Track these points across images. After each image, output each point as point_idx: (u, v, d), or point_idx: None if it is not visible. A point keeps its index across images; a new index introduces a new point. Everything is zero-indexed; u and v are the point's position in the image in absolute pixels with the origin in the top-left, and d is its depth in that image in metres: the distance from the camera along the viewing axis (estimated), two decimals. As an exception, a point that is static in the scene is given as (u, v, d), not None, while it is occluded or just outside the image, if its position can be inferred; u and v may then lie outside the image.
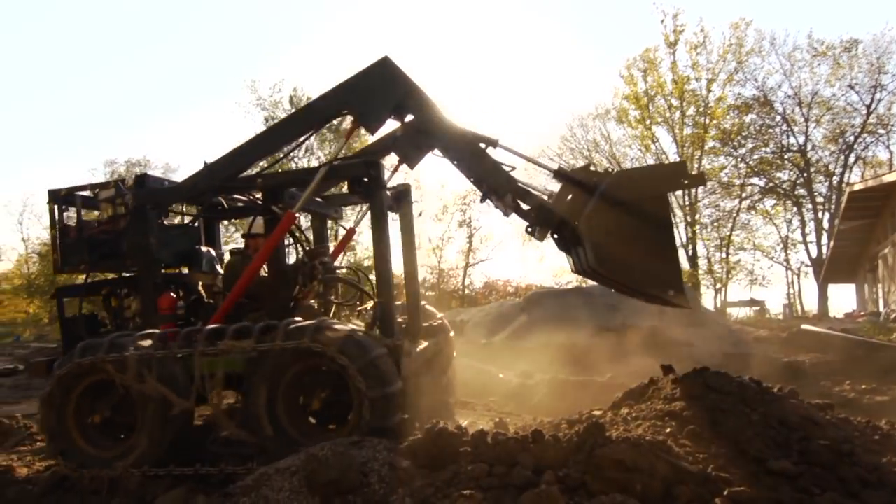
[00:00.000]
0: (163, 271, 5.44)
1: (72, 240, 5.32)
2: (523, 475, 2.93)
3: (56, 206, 5.33)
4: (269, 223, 5.02)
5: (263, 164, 5.81)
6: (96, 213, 5.44)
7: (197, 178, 5.09)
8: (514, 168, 4.77)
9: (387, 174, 5.17)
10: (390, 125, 4.97)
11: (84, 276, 5.54)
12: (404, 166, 5.18)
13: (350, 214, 12.47)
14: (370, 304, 5.44)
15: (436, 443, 3.24)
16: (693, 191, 27.25)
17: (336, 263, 6.19)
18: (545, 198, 4.64)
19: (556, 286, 25.38)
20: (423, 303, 6.39)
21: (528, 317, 11.75)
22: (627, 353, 8.62)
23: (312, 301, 5.44)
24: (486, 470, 2.99)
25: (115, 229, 5.15)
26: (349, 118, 5.39)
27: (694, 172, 4.98)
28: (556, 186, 4.74)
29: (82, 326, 5.32)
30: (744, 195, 28.81)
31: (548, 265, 34.60)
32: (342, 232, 8.96)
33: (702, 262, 28.27)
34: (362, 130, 5.52)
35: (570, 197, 4.46)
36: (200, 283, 5.59)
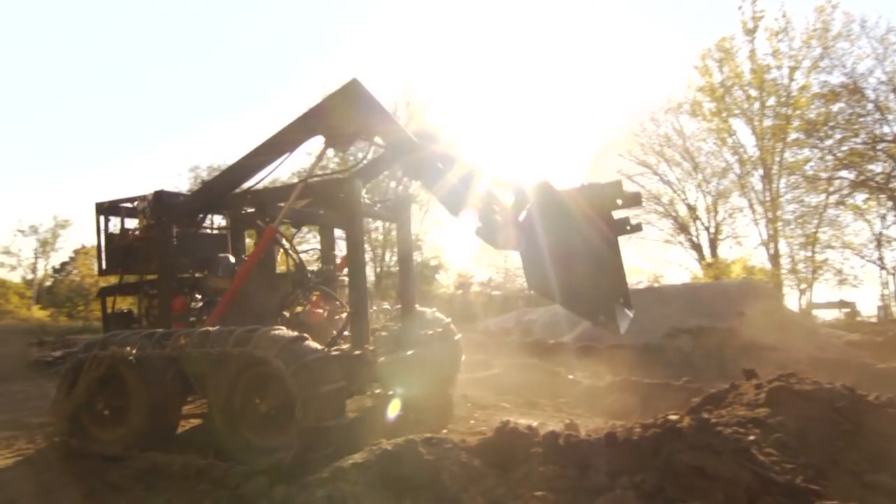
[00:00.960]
0: (184, 275, 6.04)
1: (113, 246, 6.12)
2: (597, 479, 2.88)
3: (101, 217, 6.11)
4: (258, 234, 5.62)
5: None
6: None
7: (198, 194, 5.69)
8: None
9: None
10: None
11: (119, 278, 6.33)
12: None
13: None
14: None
15: (507, 443, 3.23)
16: (774, 184, 25.88)
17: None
18: (496, 214, 4.72)
19: (626, 286, 24.70)
20: (432, 309, 6.84)
21: (598, 317, 11.50)
22: (704, 356, 8.28)
23: (320, 309, 5.89)
24: (559, 472, 2.95)
25: (145, 237, 5.91)
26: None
27: (629, 192, 4.83)
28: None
29: (118, 322, 6.12)
30: (831, 189, 26.92)
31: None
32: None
33: (784, 261, 26.70)
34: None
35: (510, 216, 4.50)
36: (215, 288, 5.93)
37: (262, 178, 5.56)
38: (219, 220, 6.71)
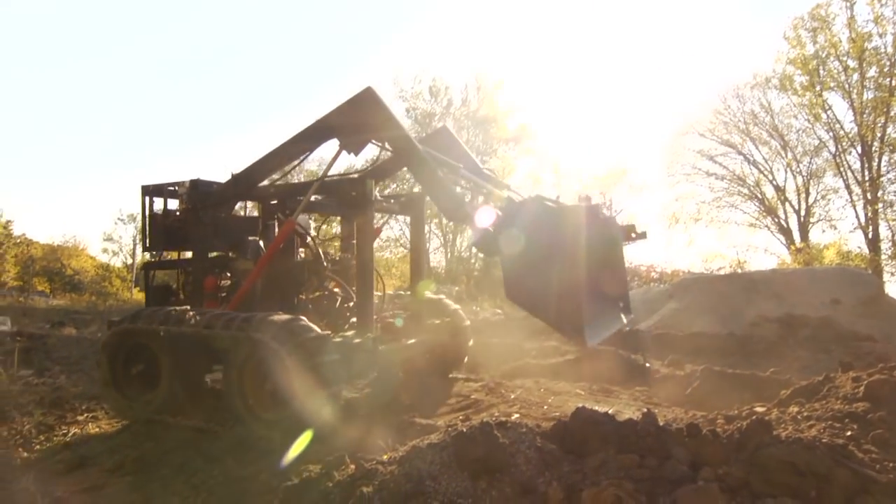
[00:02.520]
0: (216, 256, 6.59)
1: (156, 225, 6.66)
2: (678, 469, 2.80)
3: (146, 198, 6.67)
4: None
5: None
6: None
7: (226, 186, 6.21)
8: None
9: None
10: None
11: (159, 255, 7.04)
12: None
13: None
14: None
15: (582, 429, 3.19)
16: (874, 163, 23.86)
17: None
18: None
19: (706, 272, 23.68)
20: (439, 296, 7.38)
21: (677, 303, 11.07)
22: (794, 347, 7.82)
23: (337, 290, 6.46)
24: (637, 461, 2.89)
25: (183, 219, 6.46)
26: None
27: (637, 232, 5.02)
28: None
29: (158, 294, 6.82)
30: (940, 167, 24.55)
31: (697, 249, 32.40)
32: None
33: (885, 246, 24.66)
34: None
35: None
36: (243, 269, 6.36)
37: (283, 175, 6.03)
38: (251, 206, 7.37)
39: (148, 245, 6.83)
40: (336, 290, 6.56)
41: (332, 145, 5.53)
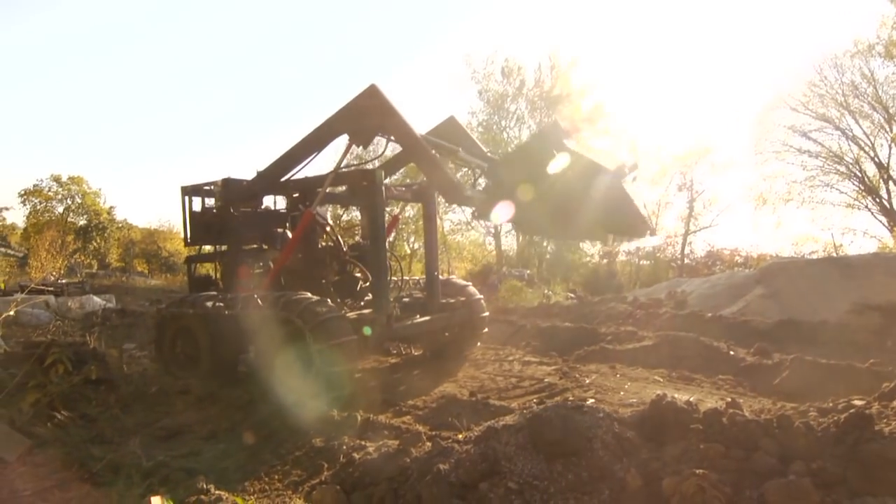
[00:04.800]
0: (249, 248, 7.19)
1: (195, 222, 7.24)
2: (767, 462, 2.67)
3: (185, 197, 7.23)
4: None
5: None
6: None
7: (253, 182, 6.80)
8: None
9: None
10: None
11: (198, 249, 7.62)
12: None
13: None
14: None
15: (663, 417, 3.10)
16: None
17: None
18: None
19: (796, 255, 22.23)
20: (449, 277, 8.04)
21: (764, 289, 10.46)
22: (896, 337, 7.24)
23: (358, 274, 7.08)
24: (722, 451, 2.78)
25: (219, 215, 7.05)
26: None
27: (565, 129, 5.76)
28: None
29: (199, 284, 7.55)
30: None
31: (786, 232, 30.45)
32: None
33: None
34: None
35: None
36: (273, 259, 6.99)
37: (301, 168, 6.55)
38: (281, 200, 8.05)
39: (189, 240, 7.44)
40: (357, 274, 7.16)
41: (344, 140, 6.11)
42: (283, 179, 6.65)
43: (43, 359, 5.30)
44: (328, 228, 7.22)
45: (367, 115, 5.74)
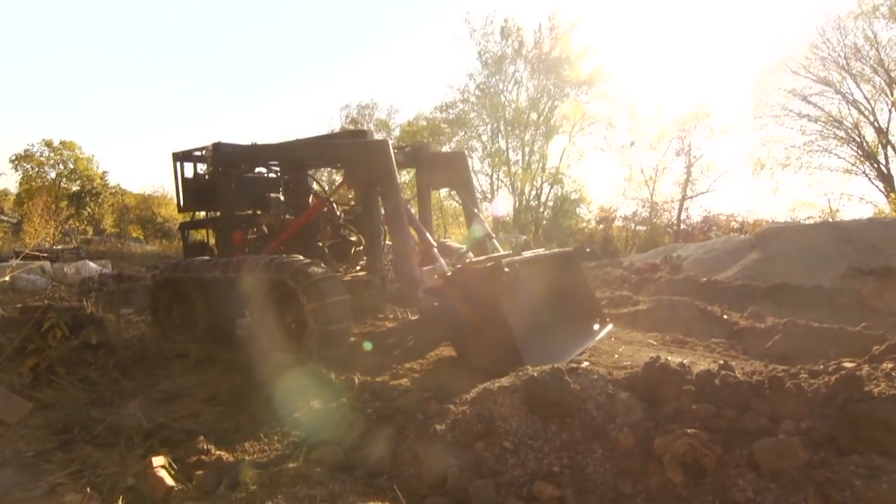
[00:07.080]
0: (243, 213, 7.16)
1: (188, 188, 7.17)
2: (757, 421, 2.72)
3: (177, 163, 7.16)
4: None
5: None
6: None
7: (248, 152, 7.03)
8: None
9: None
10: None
11: (191, 215, 7.74)
12: None
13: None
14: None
15: (656, 378, 3.15)
16: None
17: None
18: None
19: (792, 221, 22.26)
20: (444, 240, 8.04)
21: (760, 254, 10.51)
22: (889, 301, 7.30)
23: (354, 238, 7.13)
24: (713, 412, 2.83)
25: (211, 181, 6.99)
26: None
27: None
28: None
29: (194, 251, 7.45)
30: None
31: (783, 198, 30.41)
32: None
33: None
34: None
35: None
36: (267, 223, 7.02)
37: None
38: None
39: (181, 207, 7.39)
40: (352, 237, 7.18)
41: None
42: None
43: (40, 323, 5.31)
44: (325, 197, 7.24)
45: (368, 166, 5.83)
